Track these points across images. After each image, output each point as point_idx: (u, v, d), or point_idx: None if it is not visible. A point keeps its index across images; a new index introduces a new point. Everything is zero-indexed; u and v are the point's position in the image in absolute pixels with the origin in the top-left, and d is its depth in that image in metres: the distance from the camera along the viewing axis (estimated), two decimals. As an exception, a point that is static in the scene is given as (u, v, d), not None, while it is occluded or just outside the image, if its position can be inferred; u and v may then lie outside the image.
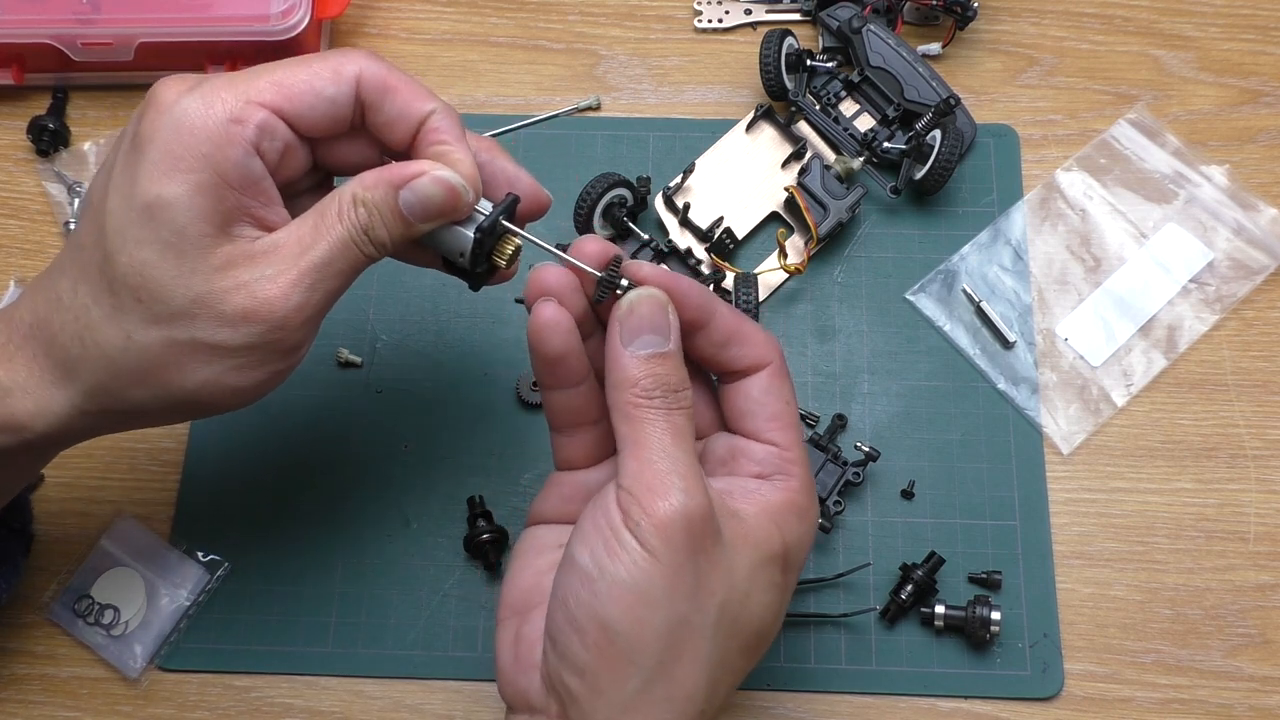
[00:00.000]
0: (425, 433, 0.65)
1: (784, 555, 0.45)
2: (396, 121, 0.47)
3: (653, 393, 0.44)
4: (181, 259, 0.43)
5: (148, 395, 0.45)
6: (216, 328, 0.44)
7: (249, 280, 0.44)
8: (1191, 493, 0.64)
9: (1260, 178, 0.71)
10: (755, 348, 0.47)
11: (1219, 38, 0.75)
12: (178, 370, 0.45)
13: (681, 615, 0.42)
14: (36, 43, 0.70)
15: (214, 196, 0.44)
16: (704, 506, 0.42)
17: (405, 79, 0.47)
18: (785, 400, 0.48)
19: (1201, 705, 0.60)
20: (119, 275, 0.44)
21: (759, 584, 0.44)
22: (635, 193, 0.67)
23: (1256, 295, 0.68)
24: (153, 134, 0.44)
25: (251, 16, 0.69)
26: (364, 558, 0.63)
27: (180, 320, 0.44)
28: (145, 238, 0.43)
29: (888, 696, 0.60)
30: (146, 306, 0.44)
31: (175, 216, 0.43)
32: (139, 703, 0.60)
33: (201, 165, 0.43)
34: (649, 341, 0.44)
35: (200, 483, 0.64)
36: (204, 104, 0.44)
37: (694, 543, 0.42)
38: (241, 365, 0.45)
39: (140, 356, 0.44)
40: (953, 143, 0.66)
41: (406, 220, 0.46)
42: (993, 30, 0.75)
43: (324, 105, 0.46)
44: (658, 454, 0.43)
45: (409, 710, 0.60)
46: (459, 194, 0.46)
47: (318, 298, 0.45)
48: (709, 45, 0.75)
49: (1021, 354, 0.67)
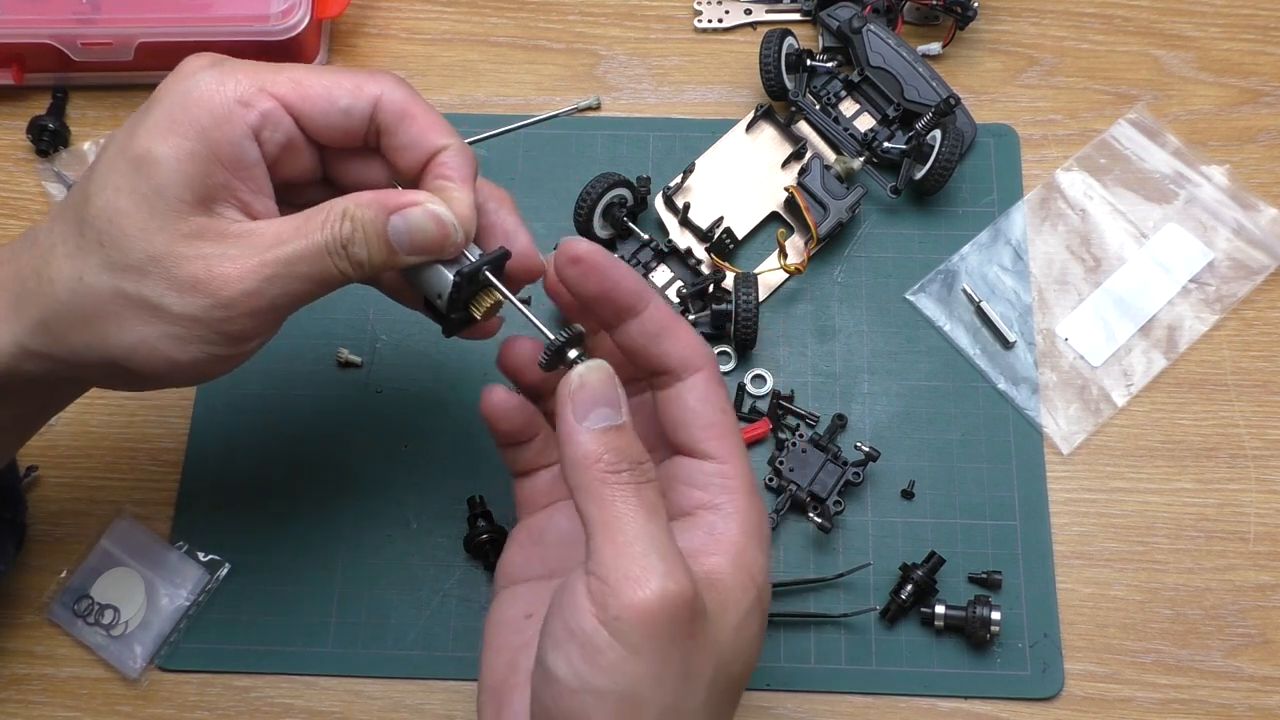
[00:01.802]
0: (425, 433, 0.65)
1: (760, 600, 0.44)
2: (409, 149, 0.47)
3: (618, 467, 0.41)
4: (152, 215, 0.43)
5: (84, 343, 0.44)
6: (164, 289, 0.43)
7: (210, 254, 0.43)
8: (1191, 493, 0.64)
9: (1260, 178, 0.71)
10: (686, 347, 0.46)
11: (1219, 38, 0.75)
12: (117, 323, 0.44)
13: (672, 706, 0.40)
14: (36, 43, 0.70)
15: (202, 168, 0.44)
16: (688, 589, 0.40)
17: (426, 110, 0.47)
18: (720, 409, 0.46)
19: (1201, 705, 0.60)
20: (90, 216, 0.44)
21: (743, 640, 0.43)
22: (635, 193, 0.67)
23: (1256, 295, 0.68)
24: (162, 96, 0.45)
25: (251, 16, 0.69)
26: (364, 558, 0.63)
27: (132, 274, 0.43)
28: (125, 186, 0.43)
29: (888, 696, 0.60)
30: (106, 252, 0.43)
31: (158, 174, 0.43)
32: (139, 703, 0.60)
33: (196, 135, 0.44)
34: (603, 415, 0.42)
35: (200, 483, 0.64)
36: (217, 80, 0.45)
37: (680, 629, 0.40)
38: (179, 337, 0.44)
39: (86, 300, 0.44)
40: (953, 143, 0.66)
41: (391, 247, 0.45)
42: (993, 30, 0.75)
43: (336, 114, 0.46)
44: (633, 536, 0.40)
45: (409, 710, 0.60)
46: (449, 232, 0.45)
47: (274, 291, 0.44)
48: (709, 45, 0.75)
49: (1021, 354, 0.67)
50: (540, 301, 0.56)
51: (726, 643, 0.42)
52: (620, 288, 0.45)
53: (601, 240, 0.68)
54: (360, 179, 0.49)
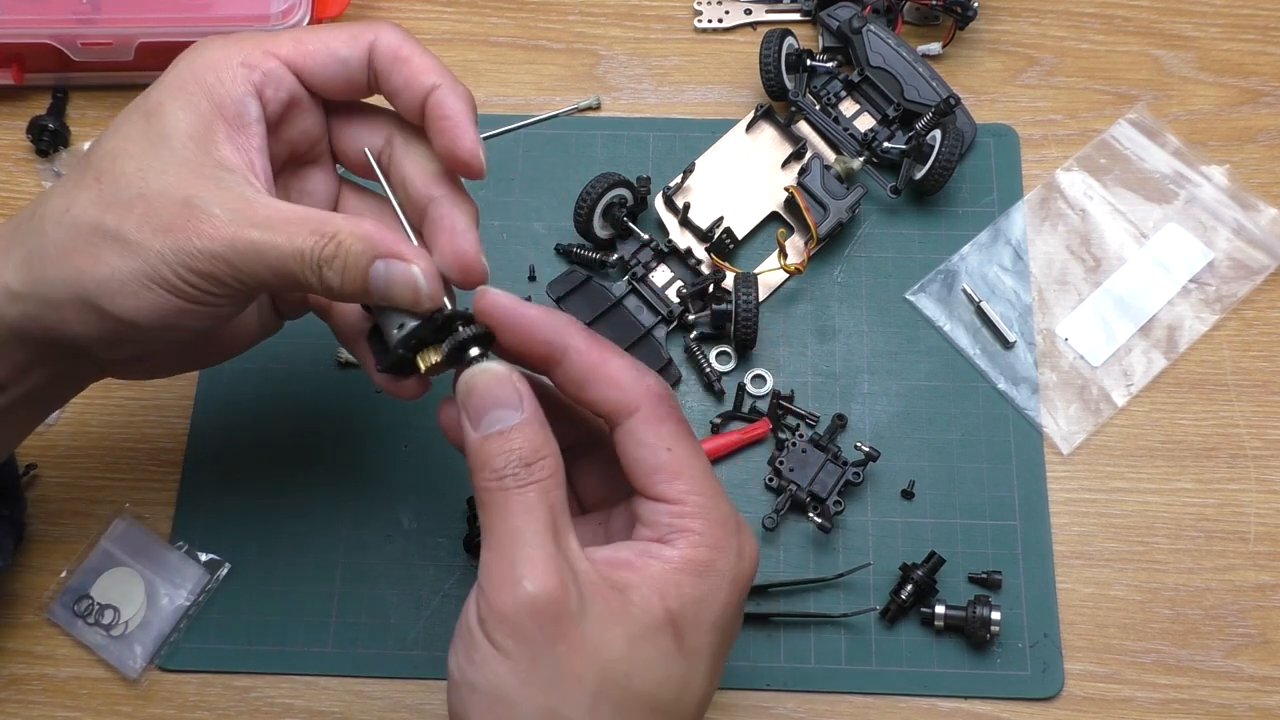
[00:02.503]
0: (425, 433, 0.65)
1: (672, 623, 0.42)
2: (404, 91, 0.47)
3: (503, 472, 0.42)
4: (154, 156, 0.44)
5: (60, 276, 0.44)
6: (142, 225, 0.43)
7: (197, 204, 0.43)
8: (1191, 493, 0.64)
9: (1260, 178, 0.71)
10: (615, 389, 0.44)
11: (1219, 38, 0.75)
12: (93, 255, 0.44)
13: (546, 709, 0.40)
14: (36, 43, 0.70)
15: (205, 121, 0.45)
16: (551, 591, 0.40)
17: (419, 51, 0.47)
18: (665, 448, 0.44)
19: (1201, 705, 0.60)
20: (95, 158, 0.45)
21: (641, 659, 0.42)
22: (635, 193, 0.67)
23: (1256, 295, 0.68)
24: (175, 64, 0.47)
25: (251, 16, 0.69)
26: (364, 558, 0.63)
27: (118, 208, 0.44)
28: (133, 133, 0.45)
29: (888, 696, 0.60)
30: (100, 187, 0.44)
31: (166, 123, 0.45)
32: (139, 703, 0.60)
33: (203, 92, 0.45)
34: (497, 418, 0.43)
35: (200, 483, 0.64)
36: (225, 48, 0.46)
37: (546, 631, 0.40)
38: (147, 275, 0.43)
39: (68, 231, 0.44)
40: (953, 143, 0.66)
41: (366, 287, 0.44)
42: (993, 30, 0.75)
43: (336, 65, 0.47)
44: (505, 540, 0.41)
45: (409, 710, 0.60)
46: (420, 299, 0.44)
47: (238, 263, 0.43)
48: (709, 45, 0.75)
49: (1021, 354, 0.67)
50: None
51: (614, 655, 0.41)
52: (532, 339, 0.44)
53: (601, 240, 0.68)
54: (359, 143, 0.50)
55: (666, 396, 0.45)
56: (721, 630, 0.44)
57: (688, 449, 0.45)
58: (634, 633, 0.42)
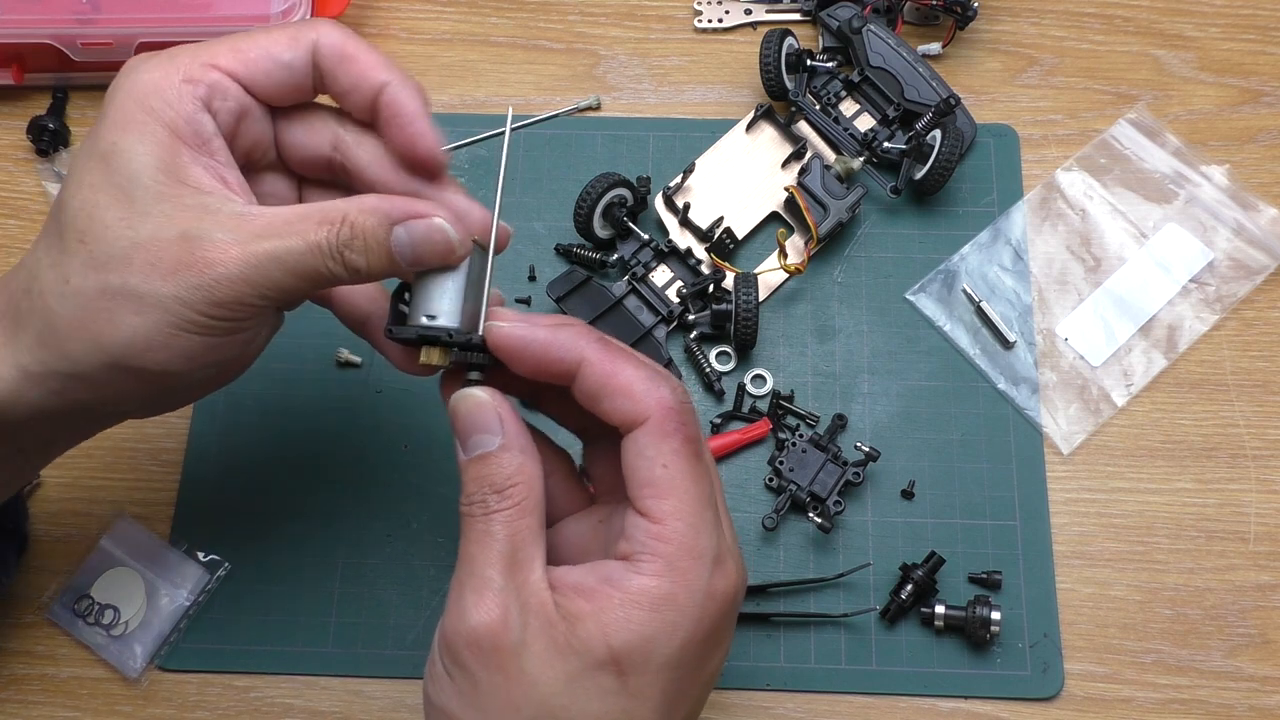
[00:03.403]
0: (425, 433, 0.65)
1: (615, 661, 0.41)
2: (352, 91, 0.46)
3: (473, 499, 0.43)
4: (131, 202, 0.43)
5: (81, 349, 0.43)
6: (149, 275, 0.42)
7: (194, 235, 0.42)
8: (1191, 493, 0.64)
9: (1260, 178, 0.71)
10: (627, 401, 0.43)
11: (1219, 38, 0.75)
12: (109, 320, 0.43)
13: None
14: (36, 43, 0.70)
15: (166, 150, 0.44)
16: (489, 623, 0.41)
17: (365, 48, 0.46)
18: (661, 464, 0.43)
19: (1201, 705, 0.60)
20: (68, 219, 0.43)
21: (579, 695, 0.41)
22: (635, 193, 0.67)
23: (1256, 295, 0.68)
24: (113, 94, 0.45)
25: (251, 16, 0.69)
26: (364, 558, 0.63)
27: (116, 265, 0.42)
28: (99, 182, 0.43)
29: (888, 696, 0.60)
30: (88, 250, 0.43)
31: (128, 163, 0.43)
32: (139, 703, 0.60)
33: (153, 119, 0.44)
34: (478, 443, 0.43)
35: (200, 483, 0.64)
36: (161, 67, 0.45)
37: (484, 661, 0.41)
38: (170, 323, 0.43)
39: (76, 303, 0.43)
40: (953, 143, 0.66)
41: (392, 258, 0.44)
42: (993, 30, 0.75)
43: (280, 71, 0.46)
44: (462, 569, 0.42)
45: (409, 710, 0.60)
46: (453, 247, 0.44)
47: (259, 279, 0.43)
48: (709, 45, 0.75)
49: (1021, 354, 0.67)
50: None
51: (550, 689, 0.41)
52: (545, 362, 0.44)
53: (602, 240, 0.68)
54: (305, 143, 0.48)
55: (678, 410, 0.43)
56: (678, 667, 0.42)
57: (685, 470, 0.43)
58: (573, 669, 0.41)
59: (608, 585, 0.42)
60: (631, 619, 0.41)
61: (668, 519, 0.42)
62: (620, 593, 0.42)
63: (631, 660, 0.41)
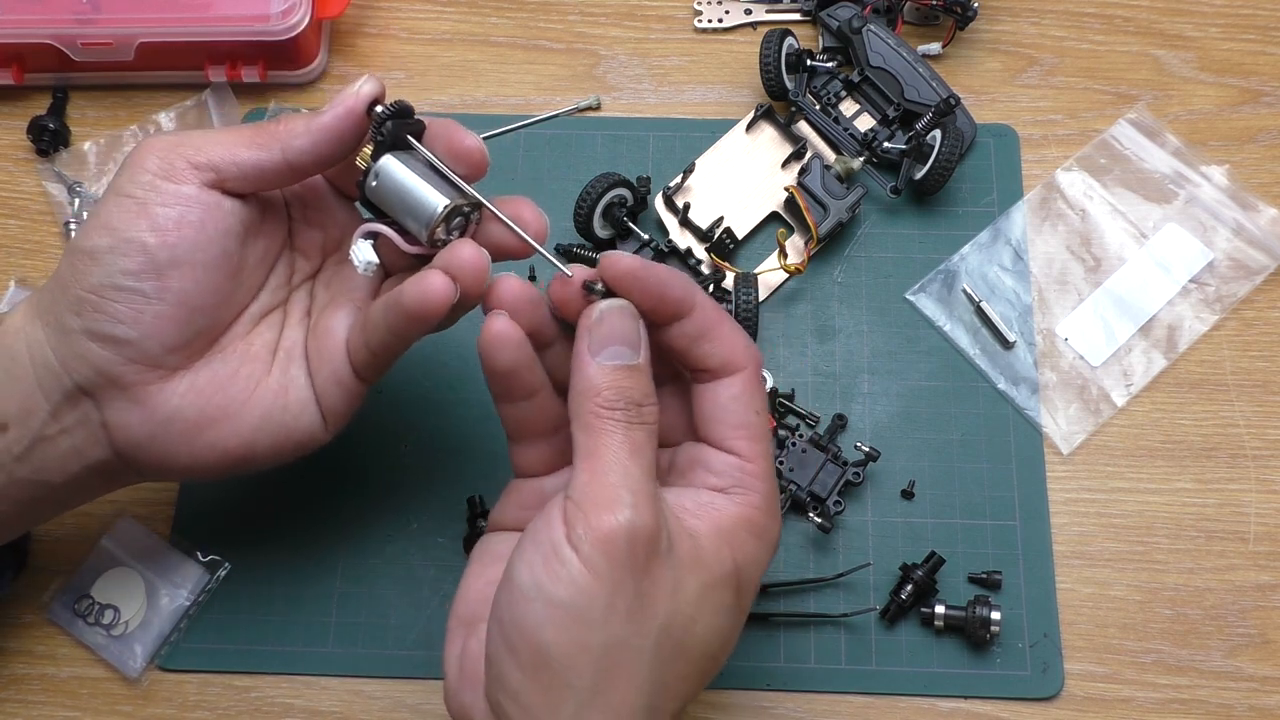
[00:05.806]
0: (425, 433, 0.65)
1: (736, 576, 0.44)
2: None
3: (615, 404, 0.43)
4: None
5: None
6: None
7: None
8: (1191, 493, 0.64)
9: (1260, 178, 0.71)
10: (729, 349, 0.46)
11: (1219, 38, 0.75)
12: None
13: (620, 638, 0.41)
14: (36, 43, 0.70)
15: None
16: (650, 525, 0.41)
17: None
18: (755, 410, 0.46)
19: (1201, 705, 0.60)
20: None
21: (707, 607, 0.43)
22: (635, 193, 0.67)
23: (1256, 295, 0.68)
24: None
25: (251, 16, 0.69)
26: (364, 558, 0.63)
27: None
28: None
29: (888, 696, 0.60)
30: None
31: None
32: (139, 703, 0.60)
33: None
34: (617, 353, 0.44)
35: (200, 483, 0.64)
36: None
37: (637, 561, 0.41)
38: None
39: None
40: (953, 143, 0.66)
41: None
42: (993, 30, 0.75)
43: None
44: (611, 467, 0.42)
45: (409, 710, 0.60)
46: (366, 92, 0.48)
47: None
48: (709, 45, 0.75)
49: (1021, 354, 0.67)
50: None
51: (687, 598, 0.43)
52: (667, 293, 0.45)
53: (602, 240, 0.68)
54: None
55: (761, 369, 0.48)
56: (754, 594, 0.46)
57: (766, 422, 0.47)
58: (706, 580, 0.43)
59: (710, 508, 0.44)
60: (746, 542, 0.44)
61: (759, 459, 0.46)
62: (723, 515, 0.44)
63: (744, 579, 0.44)
